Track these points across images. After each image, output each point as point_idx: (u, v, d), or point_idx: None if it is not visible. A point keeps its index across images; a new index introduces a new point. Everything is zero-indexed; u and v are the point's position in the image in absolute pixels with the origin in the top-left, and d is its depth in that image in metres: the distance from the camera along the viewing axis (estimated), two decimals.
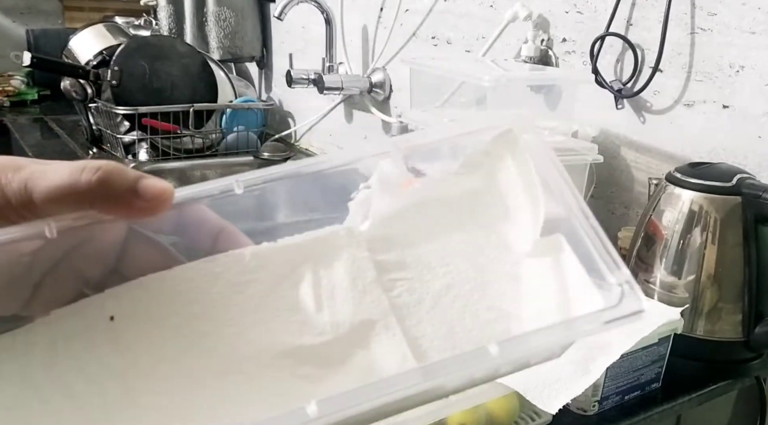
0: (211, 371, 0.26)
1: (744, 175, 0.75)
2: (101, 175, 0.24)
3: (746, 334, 0.76)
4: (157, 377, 0.26)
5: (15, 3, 2.50)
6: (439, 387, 0.26)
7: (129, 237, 0.28)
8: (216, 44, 1.86)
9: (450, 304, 0.28)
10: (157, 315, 0.27)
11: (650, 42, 0.95)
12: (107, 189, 0.24)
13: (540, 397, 0.59)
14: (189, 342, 0.27)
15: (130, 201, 0.25)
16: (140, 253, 0.28)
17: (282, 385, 0.26)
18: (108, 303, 0.27)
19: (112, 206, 0.25)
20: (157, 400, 0.26)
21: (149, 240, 0.29)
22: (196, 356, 0.27)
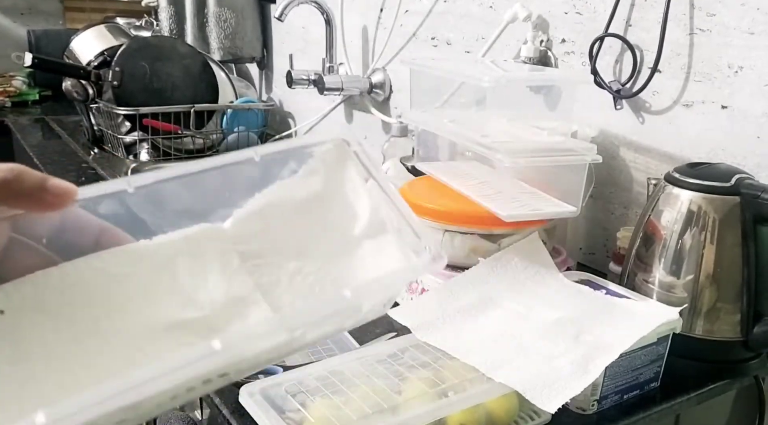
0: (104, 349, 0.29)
1: (743, 175, 0.75)
2: (13, 175, 0.27)
3: (745, 334, 0.76)
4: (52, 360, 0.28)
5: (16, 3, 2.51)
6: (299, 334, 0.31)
7: (10, 244, 0.30)
8: (217, 45, 1.86)
9: (303, 280, 0.35)
10: (48, 307, 0.29)
11: (649, 42, 0.95)
12: (18, 186, 0.27)
13: (539, 396, 0.60)
14: (81, 328, 0.29)
15: (40, 196, 0.27)
16: (20, 258, 0.30)
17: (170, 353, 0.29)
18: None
19: (22, 201, 0.27)
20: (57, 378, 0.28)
21: (29, 245, 0.31)
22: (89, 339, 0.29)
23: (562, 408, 0.59)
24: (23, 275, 0.30)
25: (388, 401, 0.59)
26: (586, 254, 1.08)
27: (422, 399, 0.60)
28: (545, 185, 0.89)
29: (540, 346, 0.66)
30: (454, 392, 0.61)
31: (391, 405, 0.59)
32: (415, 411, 0.58)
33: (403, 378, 0.63)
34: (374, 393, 0.60)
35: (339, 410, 0.58)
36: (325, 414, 0.58)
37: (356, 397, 0.60)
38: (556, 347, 0.65)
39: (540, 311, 0.72)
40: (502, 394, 0.63)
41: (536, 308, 0.73)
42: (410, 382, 0.62)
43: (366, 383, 0.62)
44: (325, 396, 0.60)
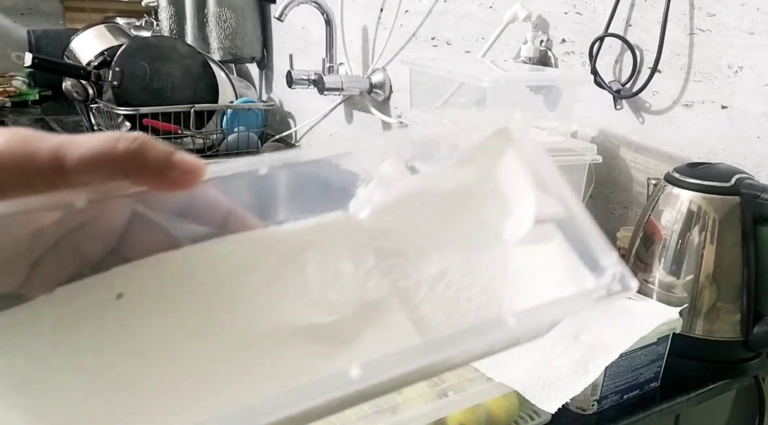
0: (225, 349, 0.27)
1: (743, 175, 0.75)
2: (138, 146, 0.24)
3: (745, 334, 0.76)
4: (170, 354, 0.26)
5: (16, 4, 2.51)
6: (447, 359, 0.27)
7: (131, 219, 0.28)
8: (217, 45, 1.86)
9: (445, 289, 0.30)
10: (167, 294, 0.27)
11: (649, 42, 0.95)
12: (144, 159, 0.24)
13: (539, 396, 0.60)
14: (201, 320, 0.27)
15: (165, 172, 0.25)
16: (142, 235, 0.28)
17: (296, 362, 0.27)
18: (116, 281, 0.27)
19: (146, 176, 0.25)
20: (173, 376, 0.26)
21: (151, 222, 0.29)
22: (209, 334, 0.27)
23: (562, 408, 0.59)
24: (144, 255, 0.27)
25: (388, 401, 0.59)
26: None
27: (422, 399, 0.60)
28: None
29: (540, 346, 0.66)
30: (454, 392, 0.61)
31: (391, 405, 0.59)
32: (415, 411, 0.58)
33: None
34: None
35: None
36: None
37: None
38: (555, 347, 0.65)
39: None
40: (502, 394, 0.63)
41: None
42: None
43: None
44: None
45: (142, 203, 0.28)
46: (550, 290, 0.29)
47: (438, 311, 0.29)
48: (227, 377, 0.26)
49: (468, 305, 0.30)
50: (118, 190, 0.25)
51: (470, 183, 0.32)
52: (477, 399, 0.62)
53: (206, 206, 0.29)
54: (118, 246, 0.28)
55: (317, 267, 0.29)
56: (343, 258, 0.30)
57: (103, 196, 0.25)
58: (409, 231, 0.31)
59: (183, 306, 0.27)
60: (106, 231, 0.28)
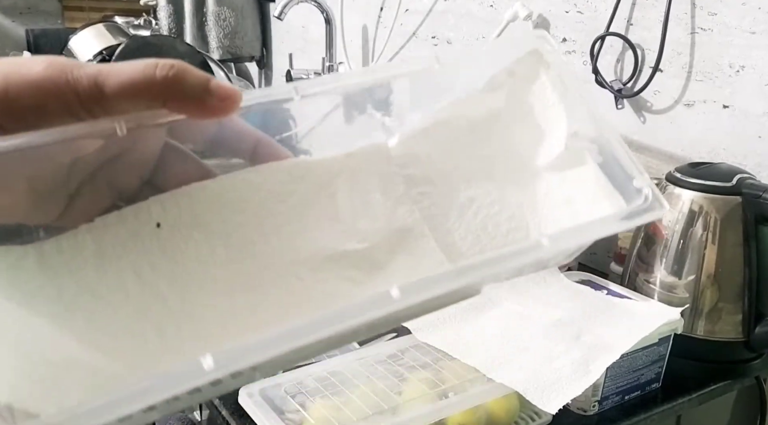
0: (261, 275, 0.27)
1: (744, 175, 0.75)
2: (176, 71, 0.24)
3: (746, 334, 0.76)
4: (210, 281, 0.27)
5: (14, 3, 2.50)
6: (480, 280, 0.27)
7: (164, 150, 0.28)
8: (216, 44, 1.86)
9: (474, 215, 0.30)
10: (203, 223, 0.28)
11: (650, 42, 0.94)
12: (182, 85, 0.24)
13: (540, 397, 0.59)
14: (237, 248, 0.27)
15: (203, 99, 0.25)
16: (175, 166, 0.29)
17: (330, 288, 0.27)
18: (153, 210, 0.27)
19: (184, 104, 0.25)
20: (216, 302, 0.26)
21: (184, 153, 0.29)
22: (246, 261, 0.27)
23: (562, 408, 0.59)
24: (177, 185, 0.28)
25: (388, 402, 0.59)
26: (587, 254, 1.07)
27: (422, 400, 0.60)
28: None
29: (540, 347, 0.66)
30: (455, 393, 0.61)
31: (391, 406, 0.58)
32: (416, 412, 0.58)
33: (403, 379, 0.63)
34: (374, 394, 0.60)
35: (339, 411, 0.58)
36: (325, 415, 0.57)
37: (356, 398, 0.60)
38: (556, 347, 0.65)
39: (541, 311, 0.72)
40: (503, 395, 0.62)
41: (537, 308, 0.73)
42: (410, 383, 0.62)
43: (366, 384, 0.62)
44: (325, 396, 0.60)
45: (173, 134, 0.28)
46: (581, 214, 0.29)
47: (467, 237, 0.30)
48: (264, 301, 0.26)
49: (496, 231, 0.30)
50: (157, 118, 0.25)
51: (500, 109, 0.31)
52: (477, 400, 0.61)
53: (236, 136, 0.29)
54: (152, 178, 0.29)
55: (348, 195, 0.29)
56: (373, 186, 0.30)
57: (142, 124, 0.25)
58: (438, 158, 0.31)
59: (217, 234, 0.28)
60: (141, 162, 0.28)
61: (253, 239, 0.28)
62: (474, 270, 0.25)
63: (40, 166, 0.25)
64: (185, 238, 0.27)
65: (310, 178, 0.29)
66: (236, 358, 0.21)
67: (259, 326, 0.26)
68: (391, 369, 0.64)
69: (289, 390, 0.61)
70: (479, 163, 0.31)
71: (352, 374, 0.63)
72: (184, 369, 0.20)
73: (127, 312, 0.26)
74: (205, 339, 0.22)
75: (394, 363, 0.66)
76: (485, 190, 0.31)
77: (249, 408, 0.60)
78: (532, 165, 0.31)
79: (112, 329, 0.25)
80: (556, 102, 0.30)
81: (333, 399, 0.60)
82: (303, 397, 0.60)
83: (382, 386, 0.61)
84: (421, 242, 0.29)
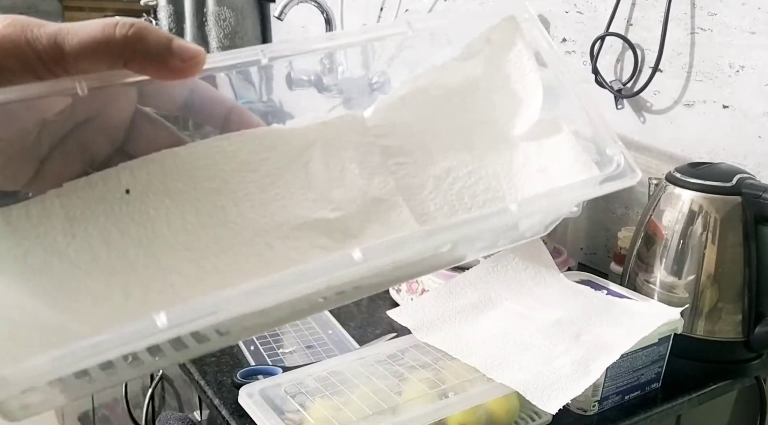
0: (232, 241, 0.27)
1: (744, 175, 0.75)
2: (136, 30, 0.24)
3: (746, 334, 0.76)
4: (179, 246, 0.27)
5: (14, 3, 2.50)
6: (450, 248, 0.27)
7: (136, 116, 0.28)
8: (216, 44, 1.86)
9: (450, 186, 0.30)
10: (174, 189, 0.27)
11: (650, 42, 0.95)
12: (142, 44, 0.24)
13: (540, 397, 0.59)
14: (207, 215, 0.27)
15: (165, 59, 0.24)
16: (146, 133, 0.28)
17: (302, 255, 0.27)
18: (122, 176, 0.27)
19: (146, 63, 0.24)
20: (184, 267, 0.26)
21: (155, 120, 0.29)
22: (216, 228, 0.27)
23: (562, 408, 0.59)
24: (149, 152, 0.28)
25: (388, 402, 0.59)
26: (587, 254, 1.07)
27: (422, 400, 0.60)
28: None
29: (541, 347, 0.66)
30: (455, 393, 0.61)
31: (391, 406, 0.59)
32: (416, 412, 0.58)
33: (403, 379, 0.63)
34: (374, 394, 0.60)
35: (339, 411, 0.58)
36: (325, 415, 0.57)
37: (356, 398, 0.60)
38: (556, 347, 0.65)
39: (541, 311, 0.72)
40: (503, 395, 0.62)
41: (537, 308, 0.73)
42: (410, 383, 0.62)
43: (366, 384, 0.62)
44: (325, 396, 0.60)
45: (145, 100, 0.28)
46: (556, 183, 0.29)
47: (443, 208, 0.30)
48: (233, 268, 0.26)
49: (472, 202, 0.30)
50: (119, 78, 0.25)
51: (477, 77, 0.31)
52: (477, 400, 0.61)
53: (208, 103, 0.29)
54: (124, 146, 0.28)
55: (322, 165, 0.29)
56: (348, 156, 0.29)
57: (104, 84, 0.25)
58: (415, 128, 0.31)
59: (188, 200, 0.28)
60: (111, 127, 0.28)
61: (223, 206, 0.28)
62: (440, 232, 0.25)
63: (4, 126, 0.25)
64: (155, 204, 0.27)
65: (282, 147, 0.29)
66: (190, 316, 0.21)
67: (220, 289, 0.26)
68: (391, 369, 0.64)
69: (288, 390, 0.61)
70: (456, 133, 0.31)
71: (352, 374, 0.63)
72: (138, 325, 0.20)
73: (94, 275, 0.26)
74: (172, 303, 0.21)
75: (394, 363, 0.66)
76: (462, 160, 0.31)
77: (249, 408, 0.60)
78: (509, 134, 0.31)
79: (78, 291, 0.25)
80: (533, 69, 0.30)
81: (333, 399, 0.60)
82: (303, 397, 0.60)
83: (382, 386, 0.61)
84: (395, 212, 0.29)
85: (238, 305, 0.21)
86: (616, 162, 0.28)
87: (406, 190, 0.30)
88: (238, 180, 0.28)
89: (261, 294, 0.22)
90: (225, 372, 0.73)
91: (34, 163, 0.27)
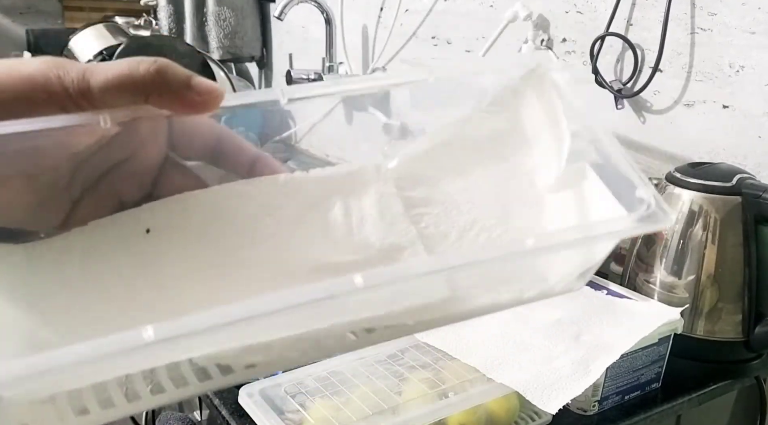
0: (245, 282, 0.27)
1: (744, 175, 0.75)
2: (158, 67, 0.25)
3: (746, 334, 0.76)
4: (191, 283, 0.27)
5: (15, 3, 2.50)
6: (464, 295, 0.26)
7: (165, 164, 0.30)
8: (216, 44, 1.86)
9: (475, 238, 0.29)
10: (192, 229, 0.28)
11: (650, 42, 0.94)
12: (163, 80, 0.25)
13: (540, 397, 0.59)
14: (223, 255, 0.27)
15: (184, 94, 0.26)
16: (175, 180, 0.30)
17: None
18: (144, 216, 0.28)
19: (166, 98, 0.26)
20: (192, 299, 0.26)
21: (184, 168, 0.30)
22: (230, 268, 0.27)
23: (562, 408, 0.59)
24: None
25: (388, 402, 0.59)
26: None
27: (422, 400, 0.60)
28: None
29: (540, 346, 0.66)
30: (455, 393, 0.61)
31: (391, 406, 0.59)
32: (416, 412, 0.58)
33: (403, 379, 0.63)
34: (374, 394, 0.60)
35: (339, 411, 0.58)
36: (325, 415, 0.57)
37: (356, 398, 0.60)
38: (556, 347, 0.65)
39: (540, 311, 0.72)
40: (503, 395, 0.62)
41: (537, 308, 0.73)
42: (410, 383, 0.62)
43: (366, 384, 0.62)
44: (325, 396, 0.60)
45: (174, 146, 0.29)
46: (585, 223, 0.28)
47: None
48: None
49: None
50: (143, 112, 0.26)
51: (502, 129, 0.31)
52: (477, 400, 0.61)
53: (235, 151, 0.30)
54: (153, 192, 0.30)
55: (342, 212, 0.29)
56: (369, 204, 0.29)
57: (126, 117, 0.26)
58: (439, 180, 0.31)
59: (206, 242, 0.28)
60: (141, 172, 0.29)
61: (240, 248, 0.28)
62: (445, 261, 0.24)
63: (35, 162, 0.26)
64: (172, 243, 0.28)
65: (303, 194, 0.29)
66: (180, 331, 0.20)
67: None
68: (391, 369, 0.64)
69: (289, 390, 0.61)
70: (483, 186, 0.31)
71: (352, 374, 0.63)
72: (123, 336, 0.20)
73: (98, 304, 0.26)
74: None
75: (394, 363, 0.66)
76: (488, 212, 0.30)
77: (249, 408, 0.60)
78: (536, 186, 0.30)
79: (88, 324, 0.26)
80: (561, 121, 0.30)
81: (333, 399, 0.60)
82: (303, 397, 0.60)
83: (382, 386, 0.61)
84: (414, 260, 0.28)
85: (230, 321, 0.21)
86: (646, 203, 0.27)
87: (428, 239, 0.29)
88: (257, 223, 0.28)
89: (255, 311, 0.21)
90: None
91: (67, 204, 0.28)
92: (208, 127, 0.30)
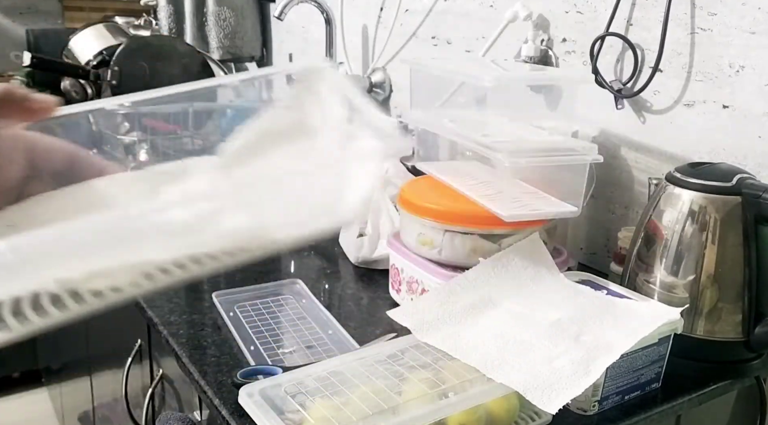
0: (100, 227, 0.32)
1: (744, 175, 0.75)
2: (5, 87, 0.34)
3: (746, 334, 0.76)
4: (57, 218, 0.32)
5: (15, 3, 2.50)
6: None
7: (29, 179, 0.36)
8: (216, 44, 1.86)
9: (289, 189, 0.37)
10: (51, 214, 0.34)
11: (650, 42, 0.95)
12: (11, 97, 0.34)
13: (540, 397, 0.59)
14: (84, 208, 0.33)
15: (28, 105, 0.34)
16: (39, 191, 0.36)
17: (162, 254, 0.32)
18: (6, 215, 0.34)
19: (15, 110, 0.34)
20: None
21: (41, 179, 0.36)
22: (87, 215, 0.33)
23: (562, 408, 0.59)
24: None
25: (388, 402, 0.59)
26: (587, 254, 1.07)
27: (422, 400, 0.60)
28: (546, 185, 0.89)
29: (541, 347, 0.66)
30: (455, 392, 0.61)
31: (391, 406, 0.58)
32: (416, 412, 0.58)
33: (403, 379, 0.63)
34: (374, 394, 0.60)
35: (339, 411, 0.58)
36: (325, 415, 0.57)
37: (356, 398, 0.60)
38: (556, 347, 0.65)
39: (541, 311, 0.72)
40: (503, 395, 0.62)
41: (537, 308, 0.73)
42: (410, 383, 0.62)
43: (366, 384, 0.62)
44: (325, 396, 0.60)
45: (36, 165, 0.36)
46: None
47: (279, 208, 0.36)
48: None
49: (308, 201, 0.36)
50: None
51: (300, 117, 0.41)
52: (477, 400, 0.61)
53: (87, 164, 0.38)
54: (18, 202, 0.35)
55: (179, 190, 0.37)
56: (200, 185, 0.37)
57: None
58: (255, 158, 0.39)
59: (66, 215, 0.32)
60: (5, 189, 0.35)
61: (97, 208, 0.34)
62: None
63: None
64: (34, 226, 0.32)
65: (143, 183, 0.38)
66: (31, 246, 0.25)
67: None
68: (391, 369, 0.64)
69: (288, 390, 0.61)
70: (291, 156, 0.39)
71: (352, 374, 0.63)
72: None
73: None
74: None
75: (394, 363, 0.66)
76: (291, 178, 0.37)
77: (249, 408, 0.60)
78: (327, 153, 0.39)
79: None
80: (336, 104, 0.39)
81: (333, 399, 0.60)
82: (303, 397, 0.60)
83: (382, 386, 0.61)
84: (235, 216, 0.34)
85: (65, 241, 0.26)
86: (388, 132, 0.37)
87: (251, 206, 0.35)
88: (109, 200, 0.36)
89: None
90: (225, 372, 0.73)
91: None
92: (64, 146, 0.38)
